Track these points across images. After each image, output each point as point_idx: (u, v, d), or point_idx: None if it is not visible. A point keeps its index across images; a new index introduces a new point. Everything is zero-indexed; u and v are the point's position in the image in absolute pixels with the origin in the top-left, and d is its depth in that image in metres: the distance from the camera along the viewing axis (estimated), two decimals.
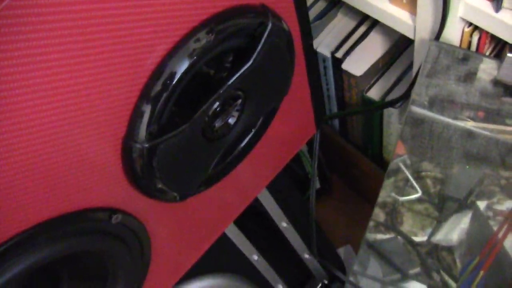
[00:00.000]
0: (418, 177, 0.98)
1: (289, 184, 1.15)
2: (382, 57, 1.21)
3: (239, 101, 0.67)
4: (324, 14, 1.25)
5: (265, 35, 0.63)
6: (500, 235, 0.92)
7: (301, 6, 0.72)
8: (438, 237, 1.00)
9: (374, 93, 1.22)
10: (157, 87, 0.56)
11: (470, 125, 0.91)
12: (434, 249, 1.00)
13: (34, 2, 0.43)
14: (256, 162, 0.80)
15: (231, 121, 0.68)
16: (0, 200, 0.50)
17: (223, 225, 0.87)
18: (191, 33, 0.57)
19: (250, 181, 0.85)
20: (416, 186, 1.00)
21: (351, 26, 1.24)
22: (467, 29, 0.89)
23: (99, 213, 0.61)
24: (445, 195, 0.97)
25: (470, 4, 0.84)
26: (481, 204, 0.94)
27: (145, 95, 0.56)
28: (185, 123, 0.60)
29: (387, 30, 1.14)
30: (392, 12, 0.98)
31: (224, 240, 0.97)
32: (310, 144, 1.40)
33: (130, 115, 0.57)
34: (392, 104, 1.14)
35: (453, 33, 0.89)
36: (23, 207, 0.53)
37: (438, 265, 0.99)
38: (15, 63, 0.44)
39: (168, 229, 0.74)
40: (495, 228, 0.93)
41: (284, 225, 1.13)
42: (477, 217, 0.95)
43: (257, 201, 1.00)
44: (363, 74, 1.19)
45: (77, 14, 0.46)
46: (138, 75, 0.55)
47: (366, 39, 1.22)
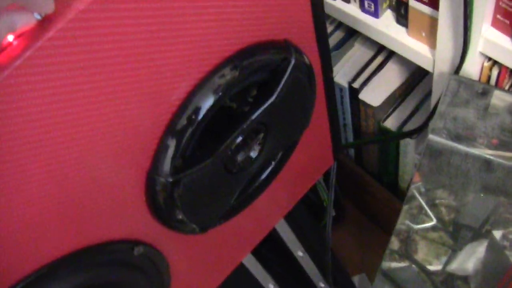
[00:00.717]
0: (433, 205, 0.98)
1: (306, 213, 1.15)
2: (399, 87, 1.22)
3: (261, 135, 0.67)
4: (341, 45, 1.26)
5: (288, 71, 0.64)
6: None
7: (323, 40, 0.72)
8: (453, 266, 0.99)
9: (391, 123, 1.23)
10: (183, 122, 0.57)
11: (488, 156, 0.91)
12: (450, 279, 0.99)
13: (65, 43, 0.44)
14: (275, 193, 0.81)
15: (253, 154, 0.68)
16: (26, 234, 0.51)
17: (241, 255, 0.87)
18: (216, 69, 0.58)
19: (269, 212, 0.86)
20: (431, 214, 0.99)
21: (368, 57, 1.25)
22: (487, 64, 0.89)
23: (122, 245, 0.61)
24: (460, 224, 0.97)
25: (490, 40, 0.84)
26: (497, 234, 0.94)
27: (171, 130, 0.57)
28: (208, 157, 0.61)
29: (404, 61, 1.14)
30: (411, 45, 0.99)
31: (241, 269, 0.97)
32: (326, 172, 1.40)
33: (155, 149, 0.57)
34: (410, 135, 1.14)
35: (473, 67, 0.90)
36: (48, 240, 0.53)
37: None
38: (49, 101, 0.45)
39: (188, 260, 0.74)
40: None
41: (300, 254, 1.13)
42: (493, 247, 0.94)
43: (274, 230, 1.00)
44: (380, 104, 1.19)
45: (107, 53, 0.47)
46: (164, 110, 0.56)
47: (383, 70, 1.23)
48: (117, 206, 0.58)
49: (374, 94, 1.20)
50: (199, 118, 0.57)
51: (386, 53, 1.25)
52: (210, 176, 0.62)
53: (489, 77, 0.91)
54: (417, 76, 1.25)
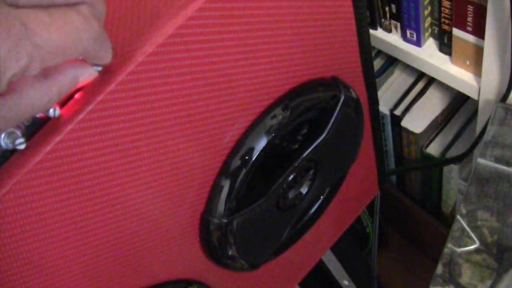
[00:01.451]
0: (475, 227, 0.97)
1: (351, 242, 1.14)
2: (441, 113, 1.21)
3: (311, 171, 0.67)
4: (382, 72, 1.26)
5: (338, 108, 0.64)
6: None
7: (369, 73, 0.72)
8: None
9: (434, 149, 1.22)
10: (236, 163, 0.57)
11: None
12: None
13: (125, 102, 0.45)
14: (322, 226, 0.80)
15: (303, 191, 0.69)
16: (85, 282, 0.52)
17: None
18: (268, 110, 0.58)
19: (316, 244, 0.85)
20: (473, 236, 0.98)
21: (409, 83, 1.25)
22: None
23: (176, 285, 0.62)
24: (504, 245, 0.95)
25: None
26: None
27: (225, 171, 0.57)
28: (261, 196, 0.61)
29: (445, 86, 1.14)
30: (455, 74, 0.98)
31: None
32: None
33: (209, 191, 0.58)
34: (454, 161, 1.13)
35: None
36: (107, 283, 0.54)
37: None
38: (111, 151, 0.46)
39: None
40: None
41: (346, 283, 1.12)
42: None
43: (320, 260, 1.00)
44: (423, 131, 1.19)
45: (164, 102, 0.48)
46: (218, 153, 0.56)
47: (424, 96, 1.22)
48: (172, 248, 0.59)
49: (416, 121, 1.20)
50: (253, 159, 0.57)
51: (427, 79, 1.24)
52: (263, 214, 0.63)
53: None
54: (459, 102, 1.24)
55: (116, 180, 0.48)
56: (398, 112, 1.21)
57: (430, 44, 1.03)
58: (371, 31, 1.08)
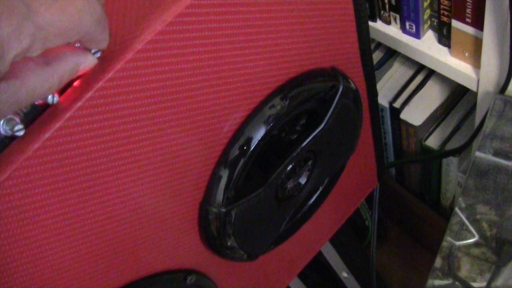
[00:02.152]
0: (474, 220, 0.97)
1: (350, 234, 1.14)
2: (440, 106, 1.21)
3: (310, 162, 0.68)
4: (381, 65, 1.26)
5: (337, 98, 0.64)
6: None
7: (368, 64, 0.72)
8: (498, 283, 0.98)
9: (433, 142, 1.22)
10: (235, 153, 0.57)
11: None
12: None
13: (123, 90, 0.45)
14: (321, 217, 0.81)
15: (302, 181, 0.69)
16: (84, 269, 0.52)
17: (288, 279, 0.87)
18: (266, 100, 0.58)
19: (315, 235, 0.86)
20: (472, 230, 0.98)
21: (408, 76, 1.25)
22: None
23: (175, 275, 0.62)
24: (503, 239, 0.96)
25: None
26: None
27: (223, 161, 0.57)
28: (260, 186, 0.61)
29: (444, 79, 1.14)
30: (454, 65, 0.98)
31: None
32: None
33: (208, 180, 0.58)
34: (453, 153, 1.13)
35: None
36: (106, 274, 0.54)
37: None
38: (110, 139, 0.46)
39: (237, 286, 0.74)
40: None
41: (345, 275, 1.13)
42: None
43: (319, 252, 1.00)
44: (422, 124, 1.19)
45: (164, 90, 0.48)
46: (217, 142, 0.56)
47: (424, 89, 1.22)
48: (171, 238, 0.59)
49: (415, 114, 1.20)
50: (251, 149, 0.57)
51: (426, 72, 1.24)
52: (261, 204, 0.63)
53: None
54: (458, 94, 1.24)
55: (114, 169, 0.48)
56: (398, 105, 1.21)
57: (429, 36, 1.03)
58: (371, 23, 1.08)
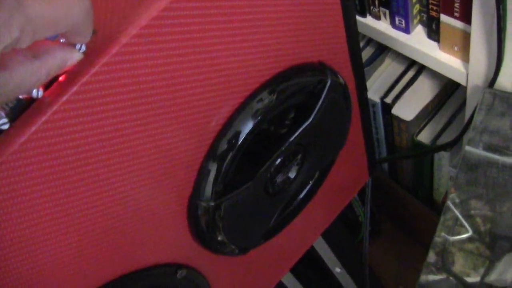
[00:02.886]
0: (468, 216, 0.97)
1: (342, 230, 1.15)
2: (431, 101, 1.21)
3: (299, 156, 0.68)
4: (372, 61, 1.26)
5: (325, 92, 0.65)
6: None
7: (356, 59, 0.73)
8: (492, 278, 0.98)
9: (424, 137, 1.22)
10: (223, 147, 0.57)
11: None
12: None
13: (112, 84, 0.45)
14: (312, 211, 0.81)
15: (291, 175, 0.69)
16: (72, 263, 0.52)
17: (280, 274, 0.88)
18: (254, 94, 0.59)
19: (306, 230, 0.86)
20: (466, 225, 0.99)
21: (399, 71, 1.25)
22: None
23: (165, 269, 0.62)
24: (497, 234, 0.96)
25: None
26: None
27: (211, 155, 0.58)
28: (248, 180, 0.62)
29: (435, 74, 1.14)
30: (444, 60, 0.99)
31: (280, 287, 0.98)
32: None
33: (196, 175, 0.58)
34: (445, 148, 1.14)
35: (507, 80, 0.89)
36: (94, 268, 0.54)
37: None
38: (96, 133, 0.47)
39: (228, 280, 0.75)
40: None
41: (338, 270, 1.13)
42: None
43: (311, 247, 1.00)
44: (413, 119, 1.19)
45: (149, 84, 0.48)
46: (204, 136, 0.57)
47: (415, 84, 1.23)
48: (161, 232, 0.59)
49: (407, 109, 1.20)
50: (239, 142, 0.58)
51: (417, 67, 1.25)
52: (250, 198, 0.63)
53: None
54: (449, 89, 1.25)
55: (101, 162, 0.48)
56: (389, 100, 1.21)
57: (419, 31, 1.03)
58: (361, 19, 1.08)
